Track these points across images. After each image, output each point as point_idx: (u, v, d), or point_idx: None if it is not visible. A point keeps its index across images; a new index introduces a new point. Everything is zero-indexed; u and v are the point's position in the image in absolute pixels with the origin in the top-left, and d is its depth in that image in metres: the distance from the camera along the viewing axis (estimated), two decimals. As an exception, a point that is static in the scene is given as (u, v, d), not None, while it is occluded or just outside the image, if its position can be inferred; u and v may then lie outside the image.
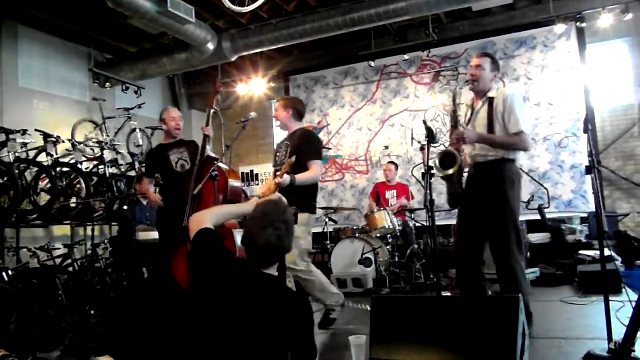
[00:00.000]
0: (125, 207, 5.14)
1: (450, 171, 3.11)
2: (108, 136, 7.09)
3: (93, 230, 5.93)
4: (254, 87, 8.62)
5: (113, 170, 6.62)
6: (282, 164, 3.45)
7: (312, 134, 4.04)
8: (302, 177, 3.53)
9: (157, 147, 4.61)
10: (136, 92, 7.93)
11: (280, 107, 3.91)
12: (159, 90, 9.36)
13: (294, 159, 3.08)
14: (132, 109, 7.55)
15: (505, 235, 3.28)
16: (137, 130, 7.44)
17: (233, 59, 7.39)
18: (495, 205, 3.27)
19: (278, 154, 3.85)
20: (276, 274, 1.88)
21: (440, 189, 6.21)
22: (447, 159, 3.10)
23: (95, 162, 6.59)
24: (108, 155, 6.61)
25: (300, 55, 8.79)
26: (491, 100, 3.30)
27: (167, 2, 5.56)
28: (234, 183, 3.96)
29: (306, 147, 3.67)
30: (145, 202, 5.55)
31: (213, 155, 4.10)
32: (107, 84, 7.76)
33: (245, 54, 7.37)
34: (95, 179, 6.27)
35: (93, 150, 6.76)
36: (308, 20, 6.70)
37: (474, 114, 3.36)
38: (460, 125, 3.29)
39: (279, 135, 9.25)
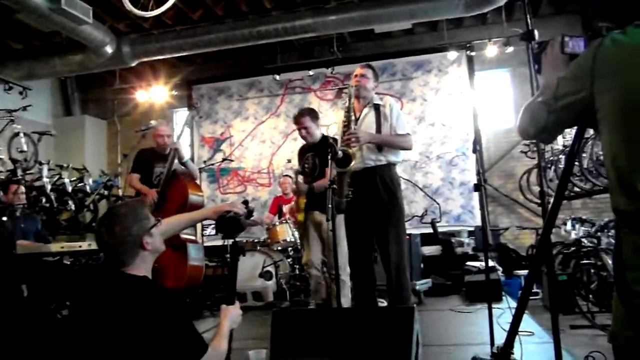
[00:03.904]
0: (5, 218, 4.67)
1: (351, 164, 3.22)
2: (-15, 139, 6.45)
3: (-36, 243, 5.31)
4: (154, 94, 8.30)
5: (-10, 177, 6.02)
6: (313, 172, 4.06)
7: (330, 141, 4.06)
8: (319, 185, 3.97)
9: (149, 152, 4.62)
10: (21, 93, 7.30)
11: (309, 123, 4.21)
12: (48, 92, 8.70)
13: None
14: (16, 110, 6.93)
15: (400, 234, 3.44)
16: (21, 135, 6.84)
17: (133, 64, 7.07)
18: (390, 206, 3.43)
19: (306, 165, 4.12)
20: (142, 273, 1.77)
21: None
22: (343, 159, 3.21)
23: (-30, 168, 5.96)
24: (-16, 160, 6.01)
25: (204, 65, 8.64)
26: (377, 107, 3.56)
27: (60, -1, 5.21)
28: (194, 196, 4.23)
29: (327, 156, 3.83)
30: (18, 213, 5.06)
31: (182, 170, 4.33)
32: (-13, 82, 7.07)
33: (145, 59, 7.09)
34: (-32, 186, 5.64)
35: (-33, 155, 6.11)
36: (213, 29, 6.61)
37: (359, 119, 3.54)
38: (354, 125, 3.41)
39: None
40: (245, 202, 2.13)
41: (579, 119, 1.26)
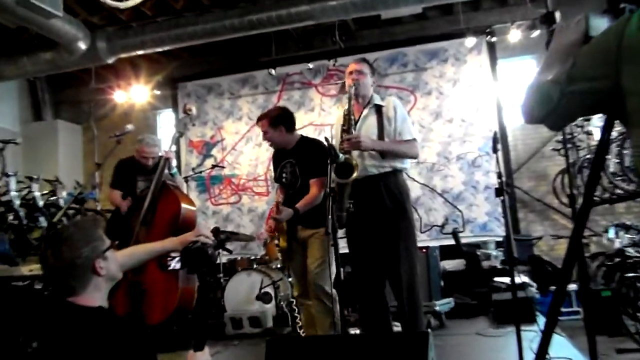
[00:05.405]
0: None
1: (353, 175, 3.18)
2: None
3: None
4: (134, 94, 8.35)
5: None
6: (294, 184, 3.77)
7: (315, 144, 3.85)
8: (305, 206, 3.64)
9: (130, 163, 4.73)
10: (-15, 97, 7.36)
11: (268, 129, 3.83)
12: (15, 95, 8.77)
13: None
14: (-21, 116, 7.00)
15: (411, 251, 3.39)
16: (-15, 144, 6.89)
17: (110, 61, 7.11)
18: (398, 219, 3.38)
19: (284, 175, 3.84)
20: (96, 303, 1.73)
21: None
22: (344, 168, 3.16)
23: None
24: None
25: (191, 60, 8.67)
26: (379, 109, 3.53)
27: (26, -11, 5.25)
28: (186, 209, 4.23)
29: (310, 164, 3.72)
30: None
31: (170, 182, 4.37)
32: (-54, 85, 7.13)
33: (124, 55, 7.12)
34: None
35: None
36: (200, 20, 6.63)
37: (359, 120, 3.52)
38: (353, 129, 3.38)
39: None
40: (216, 230, 2.06)
41: (598, 109, 1.22)
